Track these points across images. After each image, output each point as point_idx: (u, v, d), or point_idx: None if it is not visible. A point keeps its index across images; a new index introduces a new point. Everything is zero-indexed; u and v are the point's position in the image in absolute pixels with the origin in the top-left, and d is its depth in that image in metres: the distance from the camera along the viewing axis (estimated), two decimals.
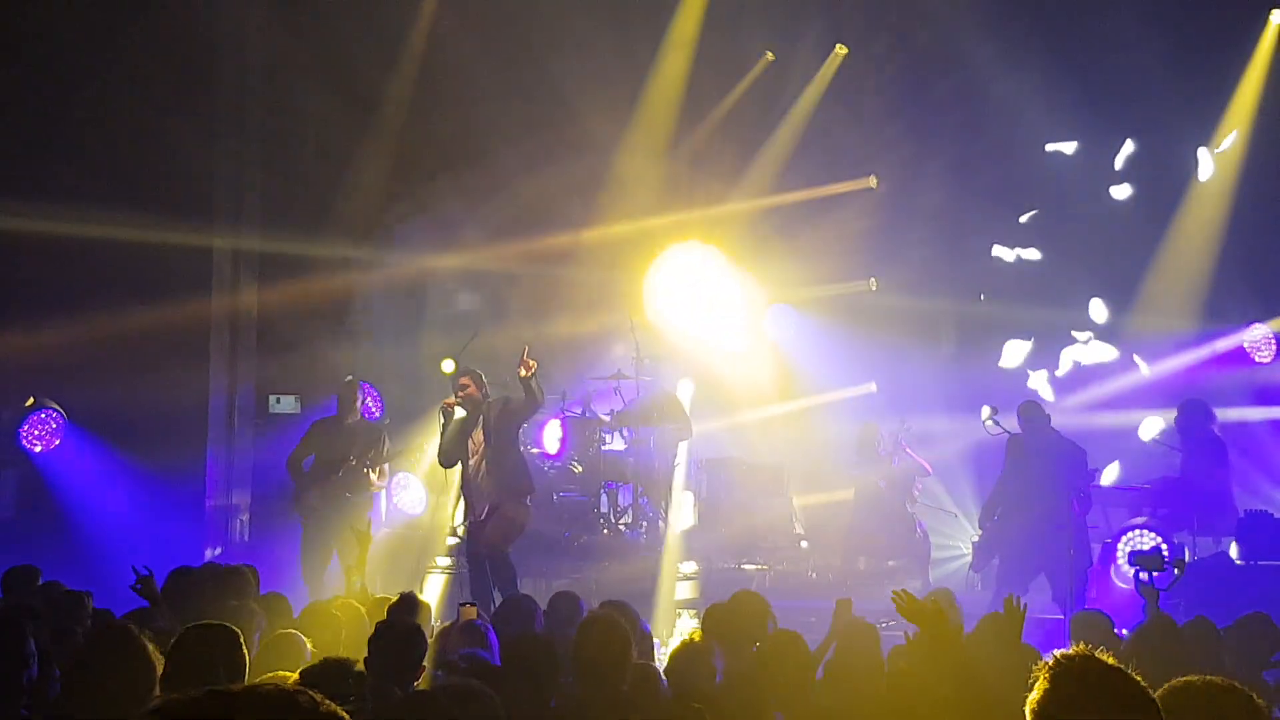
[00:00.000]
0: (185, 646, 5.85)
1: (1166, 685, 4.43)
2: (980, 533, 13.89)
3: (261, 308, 17.19)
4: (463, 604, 8.42)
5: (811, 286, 18.40)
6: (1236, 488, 14.57)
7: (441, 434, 12.95)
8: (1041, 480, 12.63)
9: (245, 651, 5.91)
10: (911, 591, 5.96)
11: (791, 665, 6.81)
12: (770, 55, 18.25)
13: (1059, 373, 18.05)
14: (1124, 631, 9.01)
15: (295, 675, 6.08)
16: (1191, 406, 14.69)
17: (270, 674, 6.15)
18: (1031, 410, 13.16)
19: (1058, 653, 3.94)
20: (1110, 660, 3.86)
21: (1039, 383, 17.80)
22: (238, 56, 16.95)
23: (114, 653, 5.85)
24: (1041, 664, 3.93)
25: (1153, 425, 16.55)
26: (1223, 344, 17.11)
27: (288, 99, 17.13)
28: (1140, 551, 9.19)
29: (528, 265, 17.87)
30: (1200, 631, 7.68)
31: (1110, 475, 16.22)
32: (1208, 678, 4.56)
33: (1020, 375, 17.80)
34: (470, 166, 17.46)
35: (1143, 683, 3.83)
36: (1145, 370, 17.58)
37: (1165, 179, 17.73)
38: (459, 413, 12.81)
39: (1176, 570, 9.05)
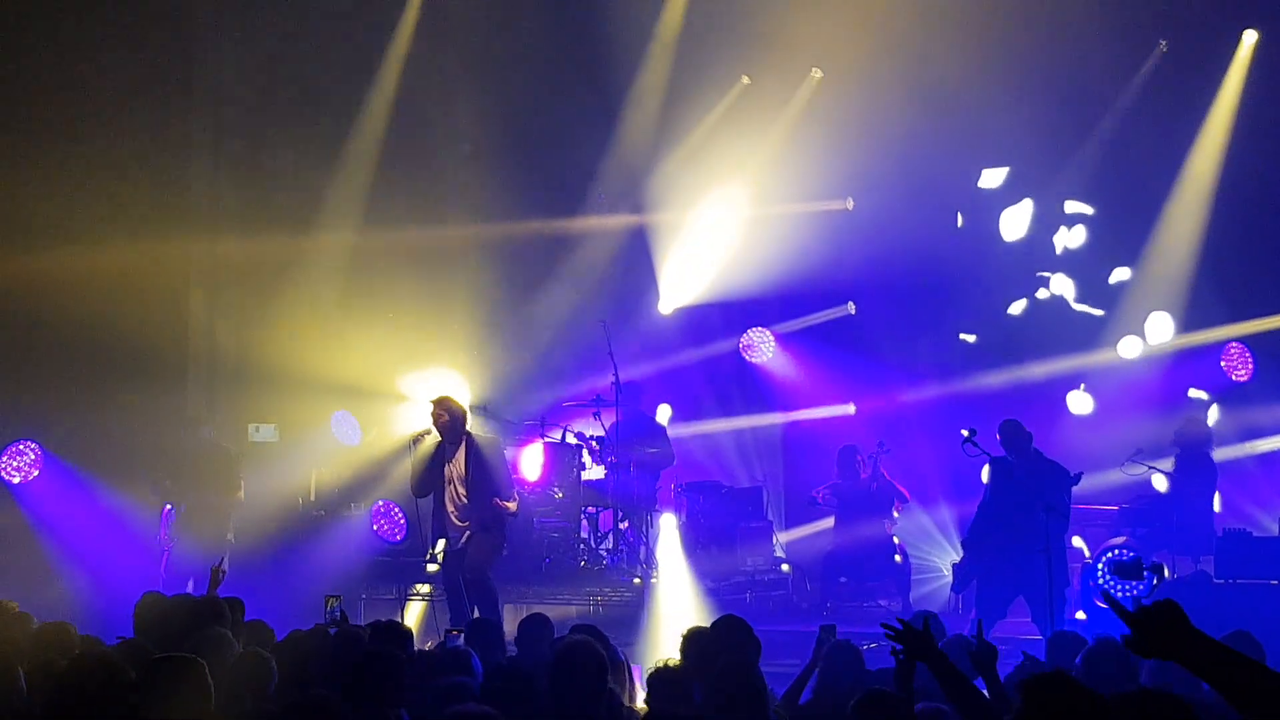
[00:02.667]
0: (150, 680, 5.87)
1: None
2: (962, 555, 13.87)
3: (240, 336, 17.20)
4: (449, 630, 8.44)
5: (790, 318, 18.55)
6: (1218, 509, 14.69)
7: (413, 462, 12.94)
8: (1019, 501, 12.60)
9: (209, 682, 5.93)
10: (894, 613, 6.00)
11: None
12: (746, 79, 18.36)
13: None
14: None
15: None
16: (1192, 426, 14.77)
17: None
18: (1011, 429, 13.11)
19: (1033, 674, 3.99)
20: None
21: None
22: (215, 82, 17.06)
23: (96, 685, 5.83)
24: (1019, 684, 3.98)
25: None
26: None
27: (260, 134, 17.24)
28: (1118, 562, 9.19)
29: (505, 288, 17.94)
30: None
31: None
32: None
33: (1000, 399, 17.73)
34: (445, 181, 17.57)
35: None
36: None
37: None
38: (429, 440, 12.83)
39: (1155, 578, 9.03)
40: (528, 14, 17.86)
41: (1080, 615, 13.14)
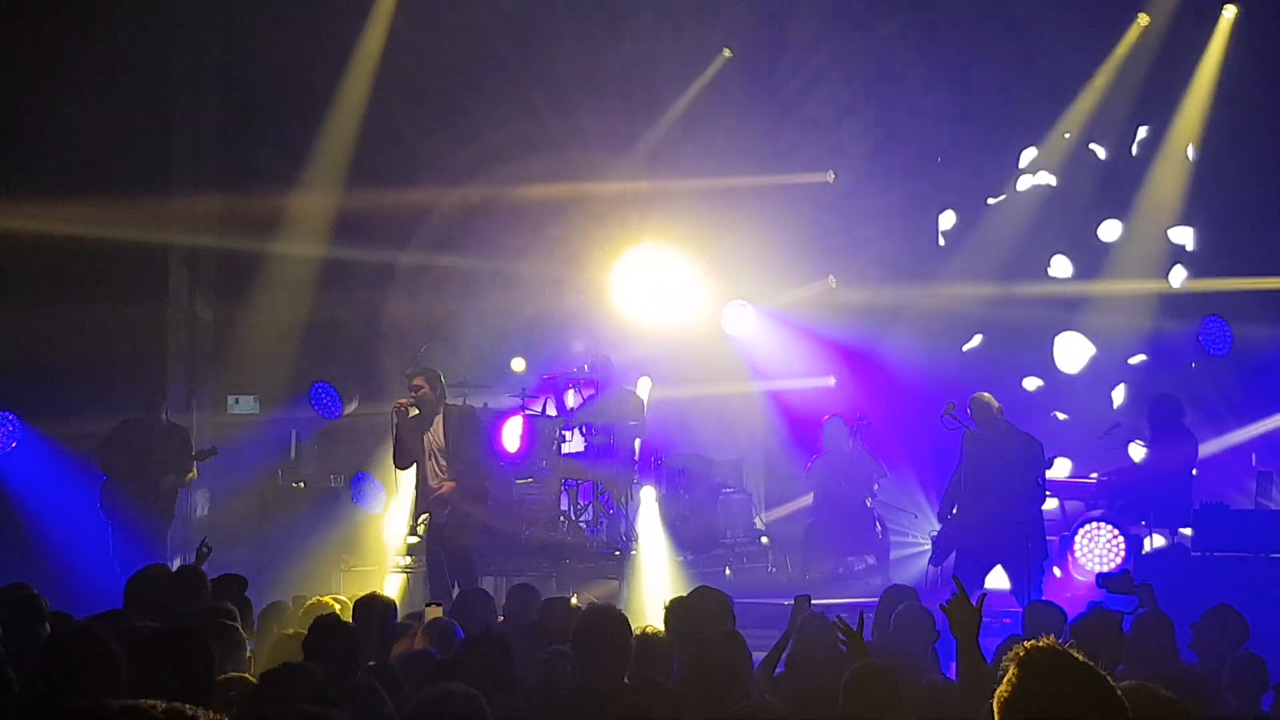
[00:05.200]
0: (150, 651, 5.85)
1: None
2: (939, 527, 13.92)
3: (219, 305, 17.16)
4: (428, 604, 8.45)
5: (773, 292, 18.54)
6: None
7: (394, 435, 12.88)
8: (996, 474, 12.66)
9: (213, 656, 5.92)
10: (871, 585, 6.08)
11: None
12: (728, 52, 18.32)
13: None
14: None
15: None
16: (1164, 401, 14.81)
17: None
18: (981, 403, 13.15)
19: (1027, 644, 3.89)
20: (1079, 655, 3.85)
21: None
22: (194, 55, 16.96)
23: (76, 655, 5.83)
24: (1010, 655, 3.88)
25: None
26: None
27: (243, 96, 17.16)
28: (1108, 575, 9.20)
29: (488, 261, 17.91)
30: (1150, 624, 7.76)
31: (1062, 470, 16.27)
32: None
33: (984, 372, 17.74)
34: (426, 159, 17.50)
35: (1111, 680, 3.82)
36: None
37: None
38: (414, 412, 12.78)
39: (1142, 597, 9.01)
40: None
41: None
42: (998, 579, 12.89)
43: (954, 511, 13.39)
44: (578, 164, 17.98)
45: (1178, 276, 17.54)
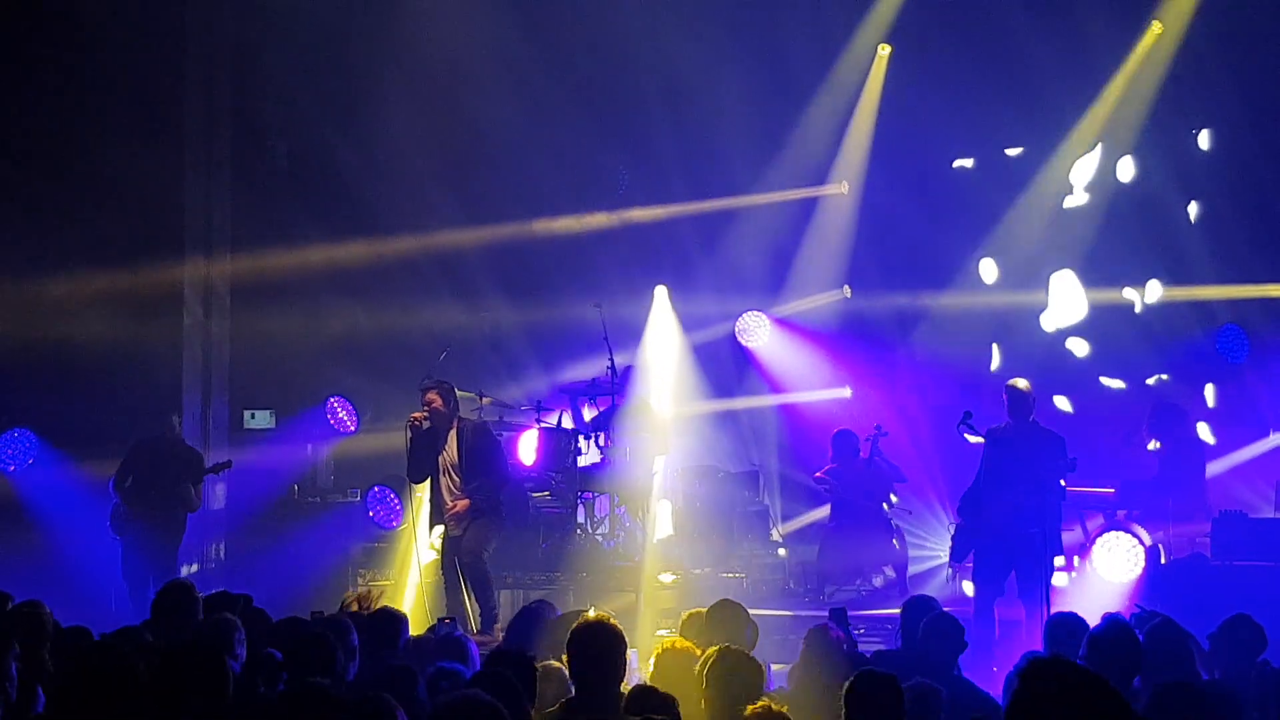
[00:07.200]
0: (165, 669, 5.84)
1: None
2: (957, 523, 13.65)
3: (235, 321, 17.21)
4: (442, 619, 8.43)
5: (785, 302, 18.58)
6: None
7: (408, 449, 12.87)
8: (1013, 474, 12.53)
9: (228, 671, 5.91)
10: (889, 596, 6.06)
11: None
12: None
13: None
14: None
15: None
16: (1166, 410, 14.75)
17: None
18: (1017, 393, 12.89)
19: (1030, 658, 3.87)
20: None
21: None
22: (205, 84, 17.04)
23: (104, 678, 5.82)
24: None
25: None
26: None
27: (256, 117, 17.25)
28: (1136, 615, 9.15)
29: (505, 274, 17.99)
30: (1168, 636, 7.69)
31: None
32: None
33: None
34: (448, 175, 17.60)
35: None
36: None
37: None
38: (426, 425, 12.77)
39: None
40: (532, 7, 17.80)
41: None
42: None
43: (974, 506, 13.17)
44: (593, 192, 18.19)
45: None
